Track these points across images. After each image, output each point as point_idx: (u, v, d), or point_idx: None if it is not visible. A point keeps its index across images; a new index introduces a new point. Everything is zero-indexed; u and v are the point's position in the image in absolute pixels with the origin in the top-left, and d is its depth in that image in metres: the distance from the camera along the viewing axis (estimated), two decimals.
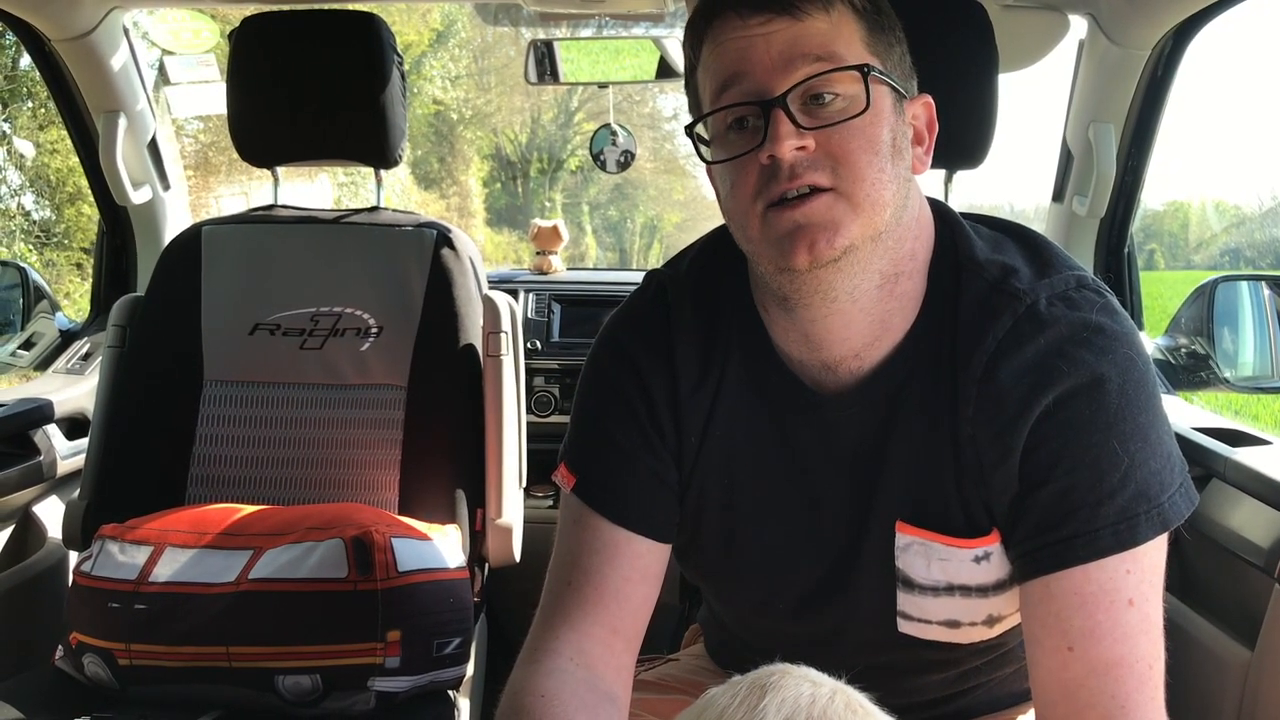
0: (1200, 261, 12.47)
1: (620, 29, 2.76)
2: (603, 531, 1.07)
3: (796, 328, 1.03)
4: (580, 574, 1.07)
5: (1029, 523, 0.95)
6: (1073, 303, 0.97)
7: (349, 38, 1.83)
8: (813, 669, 0.74)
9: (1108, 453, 0.93)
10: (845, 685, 0.73)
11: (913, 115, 1.01)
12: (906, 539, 1.02)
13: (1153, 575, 0.94)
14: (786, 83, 0.94)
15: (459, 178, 15.67)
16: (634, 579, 1.07)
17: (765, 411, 1.07)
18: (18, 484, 1.94)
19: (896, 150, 0.97)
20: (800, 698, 0.70)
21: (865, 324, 1.00)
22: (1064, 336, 0.95)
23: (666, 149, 17.41)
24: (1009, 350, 0.96)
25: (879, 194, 0.94)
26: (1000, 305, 0.97)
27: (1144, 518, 0.92)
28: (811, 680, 0.72)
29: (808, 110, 0.94)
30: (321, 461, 1.78)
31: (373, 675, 1.48)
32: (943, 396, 0.99)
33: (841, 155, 0.94)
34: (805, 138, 0.93)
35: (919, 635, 1.05)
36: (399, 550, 1.52)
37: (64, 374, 2.23)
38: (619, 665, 1.05)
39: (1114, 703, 0.90)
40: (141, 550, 1.56)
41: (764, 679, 0.73)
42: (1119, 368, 0.94)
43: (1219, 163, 20.22)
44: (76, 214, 9.52)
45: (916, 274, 1.02)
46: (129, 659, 1.51)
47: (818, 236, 0.93)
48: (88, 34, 2.07)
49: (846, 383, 1.03)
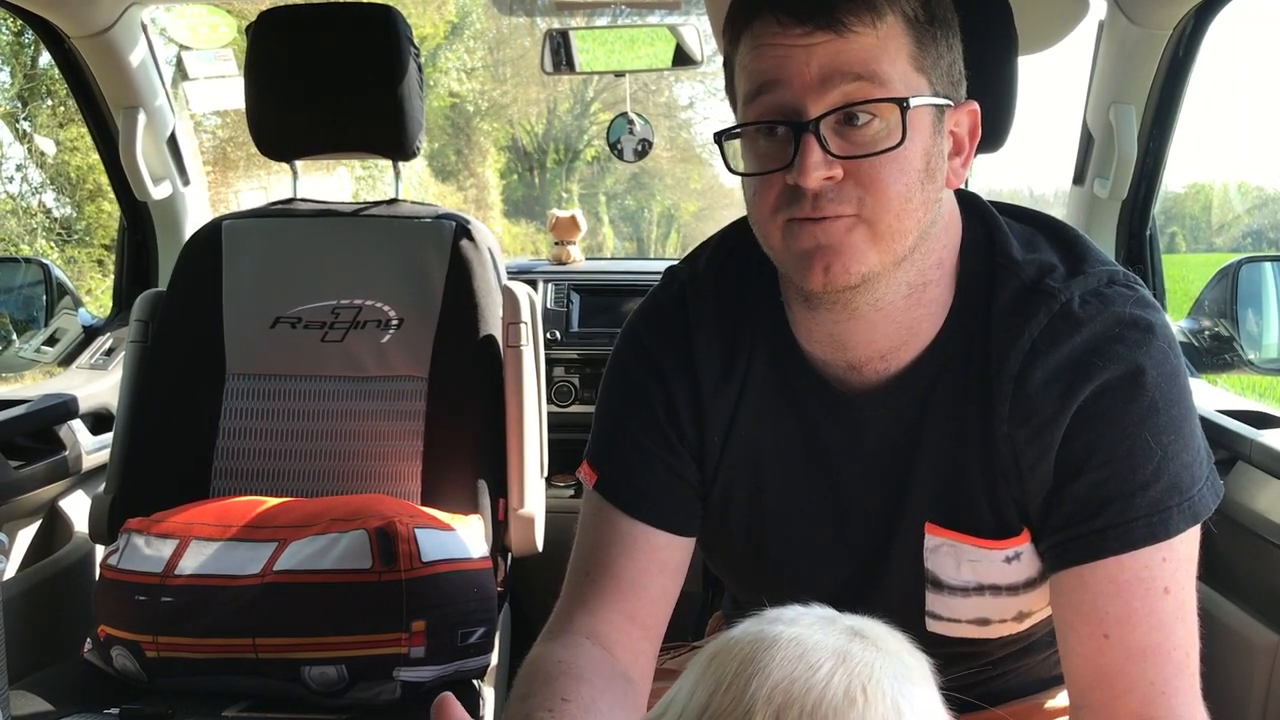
0: (1223, 244, 12.38)
1: (635, 17, 2.75)
2: (621, 525, 1.07)
3: (821, 327, 1.02)
4: (598, 565, 1.07)
5: (1062, 514, 0.95)
6: (1106, 299, 0.96)
7: (366, 30, 1.83)
8: (817, 621, 0.66)
9: (1141, 445, 0.92)
10: (851, 650, 0.64)
11: (954, 123, 0.97)
12: (936, 540, 1.01)
13: (1187, 565, 0.93)
14: (822, 105, 0.90)
15: (476, 170, 15.68)
16: (651, 571, 1.07)
17: (792, 410, 1.06)
18: (44, 479, 1.96)
19: (929, 173, 0.93)
20: (794, 684, 0.62)
21: (891, 330, 0.99)
22: (1098, 333, 0.94)
23: (683, 137, 17.37)
24: (1045, 349, 0.95)
25: (903, 224, 0.92)
26: (1035, 304, 0.96)
27: (1176, 510, 0.91)
28: (808, 658, 0.63)
29: (840, 132, 0.91)
30: (344, 453, 1.78)
31: (398, 665, 1.49)
32: (974, 397, 0.98)
33: (870, 184, 0.91)
34: (834, 167, 0.90)
35: (948, 634, 1.04)
36: (422, 541, 1.53)
37: (87, 369, 2.24)
38: (635, 651, 1.05)
39: (1153, 688, 0.89)
40: (167, 543, 1.57)
41: (752, 656, 0.64)
42: (1154, 360, 0.93)
43: (1241, 143, 20.08)
44: (97, 211, 9.57)
45: (944, 279, 1.00)
46: (156, 651, 1.53)
47: (833, 261, 0.92)
48: (106, 30, 2.07)
49: (873, 383, 1.02)
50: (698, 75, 15.93)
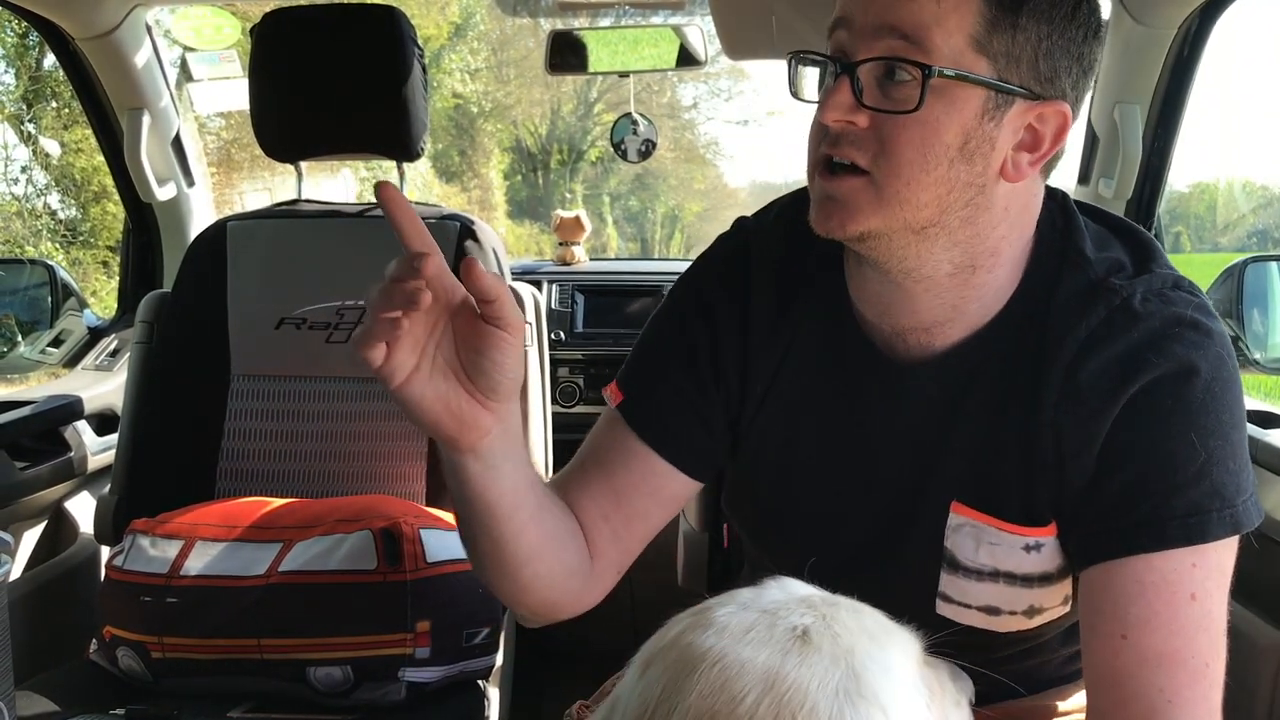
0: (1227, 244, 12.34)
1: (639, 18, 2.75)
2: (630, 442, 1.09)
3: (869, 286, 1.03)
4: (593, 460, 1.10)
5: (1098, 506, 0.94)
6: (1168, 299, 0.96)
7: (370, 31, 1.83)
8: (754, 626, 0.63)
9: (1185, 444, 0.91)
10: (783, 671, 0.60)
11: (1036, 118, 0.94)
12: (959, 519, 1.01)
13: (1219, 575, 0.91)
14: (864, 52, 0.92)
15: (480, 171, 15.69)
16: (643, 489, 1.08)
17: (838, 371, 1.07)
18: (49, 480, 1.96)
19: (965, 154, 0.92)
20: (716, 702, 0.59)
21: (934, 304, 1.00)
22: (1156, 330, 0.94)
23: (687, 138, 17.36)
24: (1101, 340, 0.95)
25: (913, 194, 0.92)
26: (1097, 298, 0.96)
27: (1215, 515, 0.90)
28: (730, 688, 0.59)
29: (881, 85, 0.92)
30: (349, 454, 1.78)
31: (403, 666, 1.49)
32: (1023, 382, 0.98)
33: (888, 144, 0.91)
34: (859, 114, 0.92)
35: (955, 619, 1.03)
36: (428, 541, 1.53)
37: (93, 370, 2.25)
38: (598, 549, 1.07)
39: (1160, 696, 0.87)
40: (172, 544, 1.58)
41: (675, 680, 0.61)
42: (1210, 364, 0.93)
43: (1246, 142, 19.94)
44: (101, 212, 9.59)
45: (1001, 268, 0.99)
46: (162, 652, 1.53)
47: (834, 212, 0.94)
48: (111, 32, 2.08)
49: (918, 356, 1.03)
50: (701, 76, 15.94)
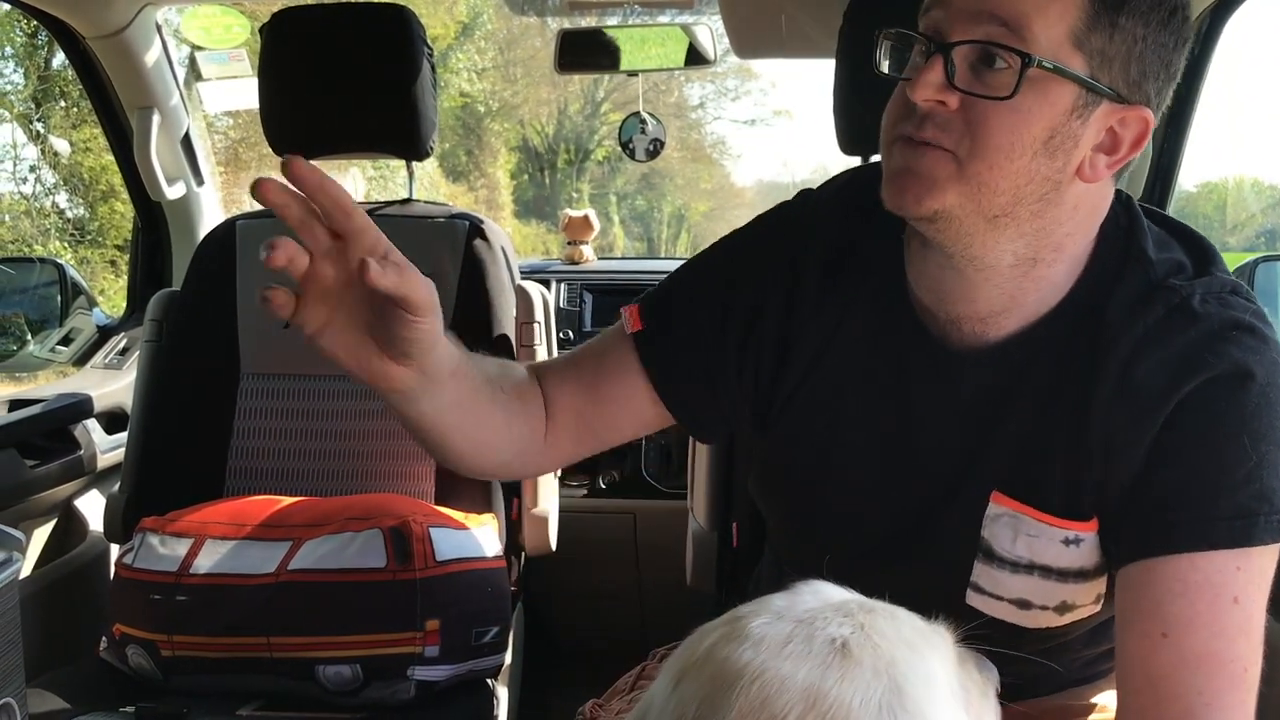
0: (1236, 244, 12.28)
1: (647, 17, 2.75)
2: (630, 360, 1.11)
3: (928, 270, 1.02)
4: (588, 365, 1.13)
5: (1144, 502, 0.93)
6: (1226, 303, 0.96)
7: (379, 30, 1.83)
8: (792, 637, 0.61)
9: (1237, 446, 0.90)
10: (824, 686, 0.58)
11: (1118, 121, 0.93)
12: (999, 509, 1.00)
13: (1261, 580, 0.90)
14: (961, 35, 0.90)
15: (487, 170, 15.68)
16: (627, 409, 1.12)
17: (890, 351, 1.06)
18: (59, 478, 1.97)
19: (1049, 149, 0.91)
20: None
21: (992, 294, 0.99)
22: (1213, 332, 0.93)
23: (694, 137, 17.33)
24: (1157, 338, 0.94)
25: (994, 180, 0.91)
26: (1156, 297, 0.96)
27: (1263, 519, 0.89)
28: (772, 706, 0.57)
29: (975, 69, 0.90)
30: (358, 453, 1.79)
31: (412, 664, 1.50)
32: (1076, 377, 0.97)
33: (976, 128, 0.90)
34: (949, 95, 0.90)
35: (985, 610, 1.01)
36: (437, 540, 1.53)
37: (102, 369, 2.25)
38: (561, 423, 1.11)
39: (1200, 699, 0.86)
40: (182, 542, 1.58)
41: (711, 698, 0.59)
42: (1265, 369, 0.92)
43: (1254, 141, 19.77)
44: (110, 211, 9.61)
45: (1062, 264, 0.99)
46: (171, 650, 1.53)
47: (911, 184, 0.93)
48: (121, 31, 2.08)
49: (971, 345, 1.02)
50: (708, 75, 15.92)
